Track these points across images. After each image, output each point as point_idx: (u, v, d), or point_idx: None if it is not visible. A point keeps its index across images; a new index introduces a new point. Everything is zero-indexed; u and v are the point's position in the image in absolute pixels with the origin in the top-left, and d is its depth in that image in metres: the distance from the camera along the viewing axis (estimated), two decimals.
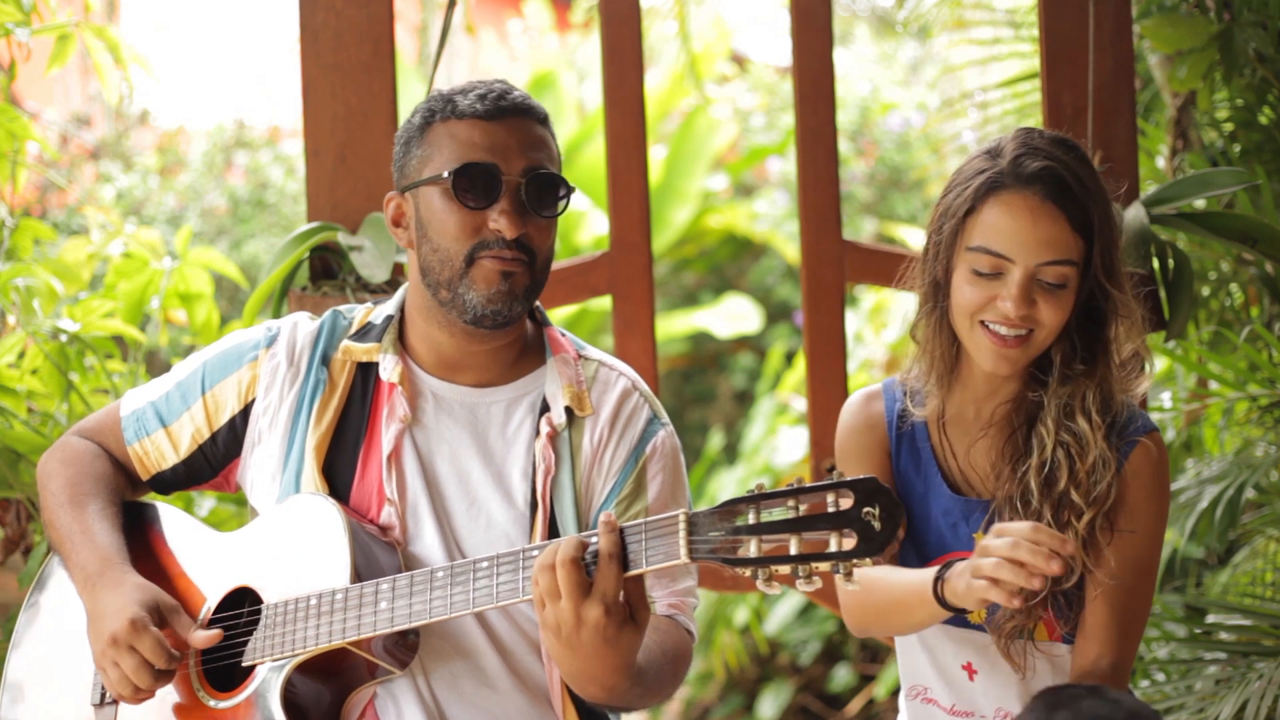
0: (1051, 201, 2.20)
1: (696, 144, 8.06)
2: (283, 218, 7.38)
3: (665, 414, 2.37)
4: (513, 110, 2.23)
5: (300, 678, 2.14)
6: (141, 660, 2.11)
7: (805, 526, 1.82)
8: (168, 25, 8.74)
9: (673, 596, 2.25)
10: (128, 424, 2.38)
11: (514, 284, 2.21)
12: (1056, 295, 2.22)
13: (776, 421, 7.10)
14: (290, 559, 2.20)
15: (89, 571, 2.22)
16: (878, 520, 1.80)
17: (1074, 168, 2.23)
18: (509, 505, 2.25)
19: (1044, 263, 2.20)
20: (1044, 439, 2.28)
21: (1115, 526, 2.27)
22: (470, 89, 2.26)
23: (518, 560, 2.02)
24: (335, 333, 2.35)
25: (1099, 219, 2.22)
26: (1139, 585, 2.29)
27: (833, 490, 1.82)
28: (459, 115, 2.23)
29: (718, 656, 6.48)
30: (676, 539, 1.88)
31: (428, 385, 2.30)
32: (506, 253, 2.19)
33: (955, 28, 4.91)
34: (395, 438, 2.26)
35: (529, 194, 2.20)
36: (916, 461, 2.40)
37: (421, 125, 2.27)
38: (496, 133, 2.21)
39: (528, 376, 2.32)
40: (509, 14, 9.57)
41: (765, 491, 1.86)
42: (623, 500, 2.26)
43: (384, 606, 2.08)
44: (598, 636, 1.92)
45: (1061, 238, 2.20)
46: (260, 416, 2.32)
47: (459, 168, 2.19)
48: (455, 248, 2.21)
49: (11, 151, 3.19)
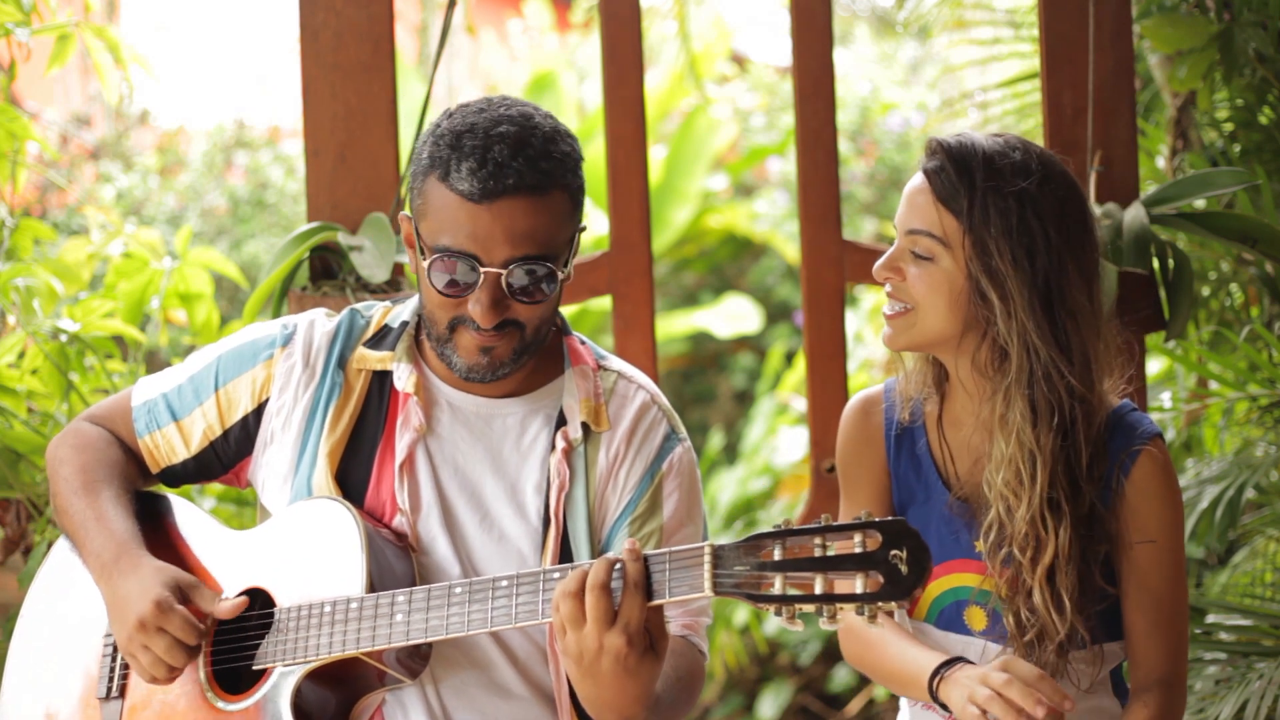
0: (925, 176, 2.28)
1: (696, 144, 8.06)
2: (283, 218, 7.37)
3: (683, 428, 2.33)
4: (504, 191, 2.06)
5: (310, 684, 2.12)
6: (172, 640, 2.08)
7: (831, 566, 1.80)
8: (168, 25, 8.74)
9: (687, 616, 2.23)
10: (139, 415, 2.34)
11: (495, 356, 2.15)
12: (924, 268, 2.26)
13: (776, 421, 7.10)
14: (305, 563, 2.17)
15: (104, 559, 2.18)
16: (904, 564, 1.77)
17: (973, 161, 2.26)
18: (522, 520, 2.22)
19: (912, 229, 2.27)
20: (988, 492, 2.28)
21: (1134, 540, 2.26)
22: (470, 150, 2.08)
23: (538, 582, 1.99)
24: (352, 334, 2.31)
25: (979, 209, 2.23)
26: (1172, 592, 2.29)
27: (860, 530, 1.80)
28: (450, 187, 2.08)
29: (717, 656, 6.48)
30: (701, 572, 1.86)
31: (443, 394, 2.27)
32: (484, 331, 2.13)
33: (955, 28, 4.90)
34: (409, 447, 2.23)
35: (511, 284, 2.10)
36: (917, 467, 2.38)
37: (425, 169, 2.13)
38: (480, 219, 2.07)
39: (545, 387, 2.28)
40: (509, 14, 9.56)
41: (792, 528, 1.83)
42: (637, 518, 2.23)
43: (400, 619, 2.05)
44: (619, 666, 1.90)
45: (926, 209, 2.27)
46: (274, 416, 2.28)
47: (437, 254, 2.10)
48: (438, 315, 2.16)
49: (11, 151, 3.19)
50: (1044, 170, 2.26)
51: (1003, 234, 2.22)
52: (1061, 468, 2.25)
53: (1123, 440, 2.29)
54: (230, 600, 2.13)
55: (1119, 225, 3.08)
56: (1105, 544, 2.27)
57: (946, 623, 2.36)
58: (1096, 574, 2.27)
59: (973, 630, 2.34)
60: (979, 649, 2.34)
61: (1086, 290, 2.27)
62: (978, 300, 2.24)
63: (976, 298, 2.25)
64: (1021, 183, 2.24)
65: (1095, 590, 2.27)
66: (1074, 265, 2.25)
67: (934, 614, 2.37)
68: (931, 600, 2.37)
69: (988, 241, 2.22)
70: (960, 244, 2.24)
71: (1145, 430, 2.30)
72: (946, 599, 2.36)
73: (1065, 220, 2.25)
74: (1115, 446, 2.28)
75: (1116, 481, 2.27)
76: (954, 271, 2.25)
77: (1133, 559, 2.28)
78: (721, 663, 6.52)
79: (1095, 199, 3.21)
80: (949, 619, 2.36)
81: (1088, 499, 2.26)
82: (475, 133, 2.09)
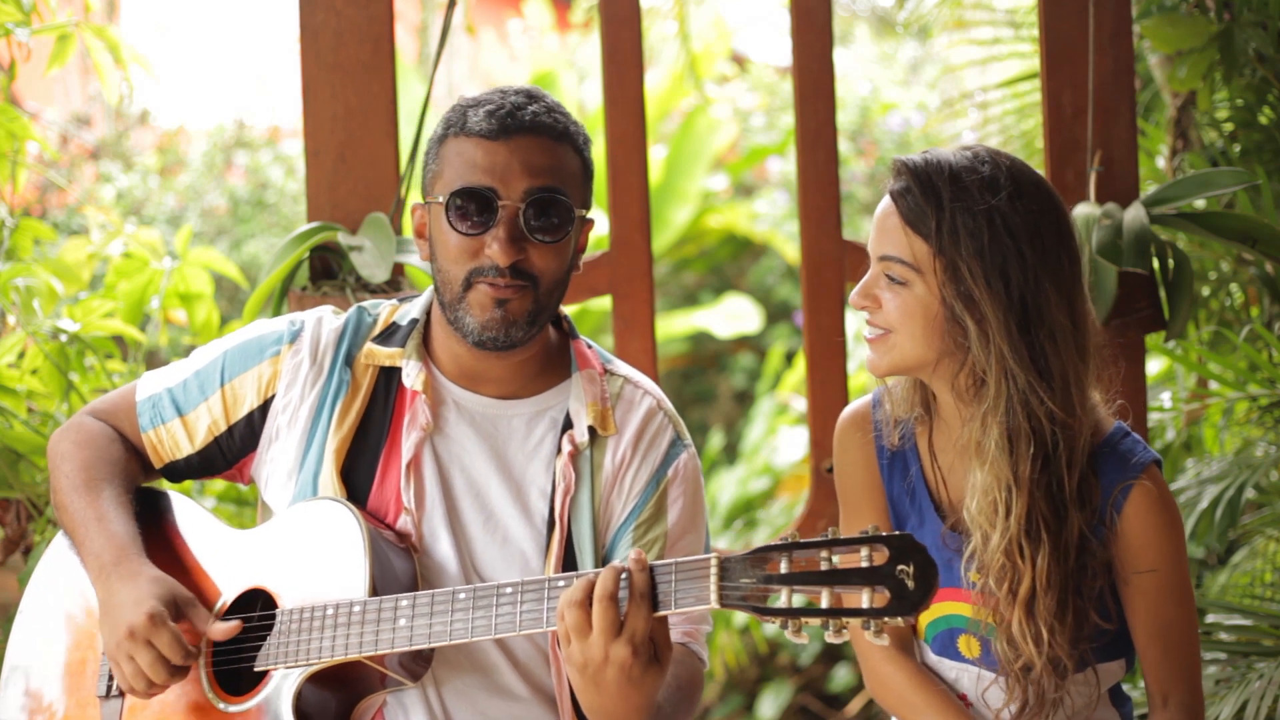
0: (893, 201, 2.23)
1: (696, 144, 8.06)
2: (283, 218, 7.38)
3: (688, 434, 2.33)
4: (521, 128, 2.15)
5: (310, 686, 2.12)
6: (158, 655, 2.08)
7: (838, 580, 1.80)
8: (168, 25, 8.74)
9: (687, 624, 2.23)
10: (143, 409, 2.34)
11: (509, 311, 2.16)
12: (897, 293, 2.21)
13: (776, 421, 7.10)
14: (307, 564, 2.17)
15: (104, 561, 2.17)
16: (911, 579, 1.77)
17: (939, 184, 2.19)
18: (526, 522, 2.22)
19: (884, 255, 2.23)
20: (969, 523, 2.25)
21: (1135, 570, 2.22)
22: (486, 102, 2.19)
23: (543, 590, 1.99)
24: (360, 332, 2.31)
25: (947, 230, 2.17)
26: (1179, 616, 2.25)
27: (867, 544, 1.80)
28: (467, 132, 2.17)
29: (717, 656, 6.48)
30: (708, 584, 1.85)
31: (450, 394, 2.27)
32: (500, 280, 2.14)
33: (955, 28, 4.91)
34: (415, 446, 2.23)
35: (529, 219, 2.14)
36: (911, 492, 2.35)
37: (439, 137, 2.22)
38: (498, 153, 2.14)
39: (551, 390, 2.28)
40: (509, 14, 9.56)
41: (799, 541, 1.83)
42: (642, 524, 2.23)
43: (403, 624, 2.05)
44: (623, 676, 1.90)
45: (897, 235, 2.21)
46: (280, 413, 2.28)
47: (455, 191, 2.15)
48: (454, 270, 2.17)
49: (11, 151, 3.19)
50: (1014, 184, 2.17)
51: (974, 255, 2.15)
52: (1042, 495, 2.18)
53: (1115, 474, 2.23)
54: (224, 624, 2.13)
55: (1119, 225, 3.08)
56: (1100, 577, 2.23)
57: (941, 648, 2.35)
58: (1090, 607, 2.22)
59: (966, 657, 2.32)
60: (974, 676, 2.32)
61: (1067, 308, 2.19)
62: (953, 325, 2.18)
63: (951, 323, 2.18)
64: (990, 199, 2.15)
65: (1089, 623, 2.22)
66: (1051, 283, 2.17)
67: (930, 637, 2.36)
68: (927, 625, 2.35)
69: (959, 264, 2.15)
70: (931, 268, 2.18)
71: (1139, 460, 2.23)
72: (941, 625, 2.34)
73: (1040, 236, 2.17)
74: (1107, 481, 2.22)
75: (1110, 517, 2.22)
76: (927, 296, 2.19)
77: (1136, 588, 2.24)
78: (721, 663, 6.52)
79: (1095, 199, 3.21)
80: (943, 645, 2.34)
81: (1075, 525, 2.20)
82: (491, 92, 2.21)
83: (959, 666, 2.33)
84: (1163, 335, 3.20)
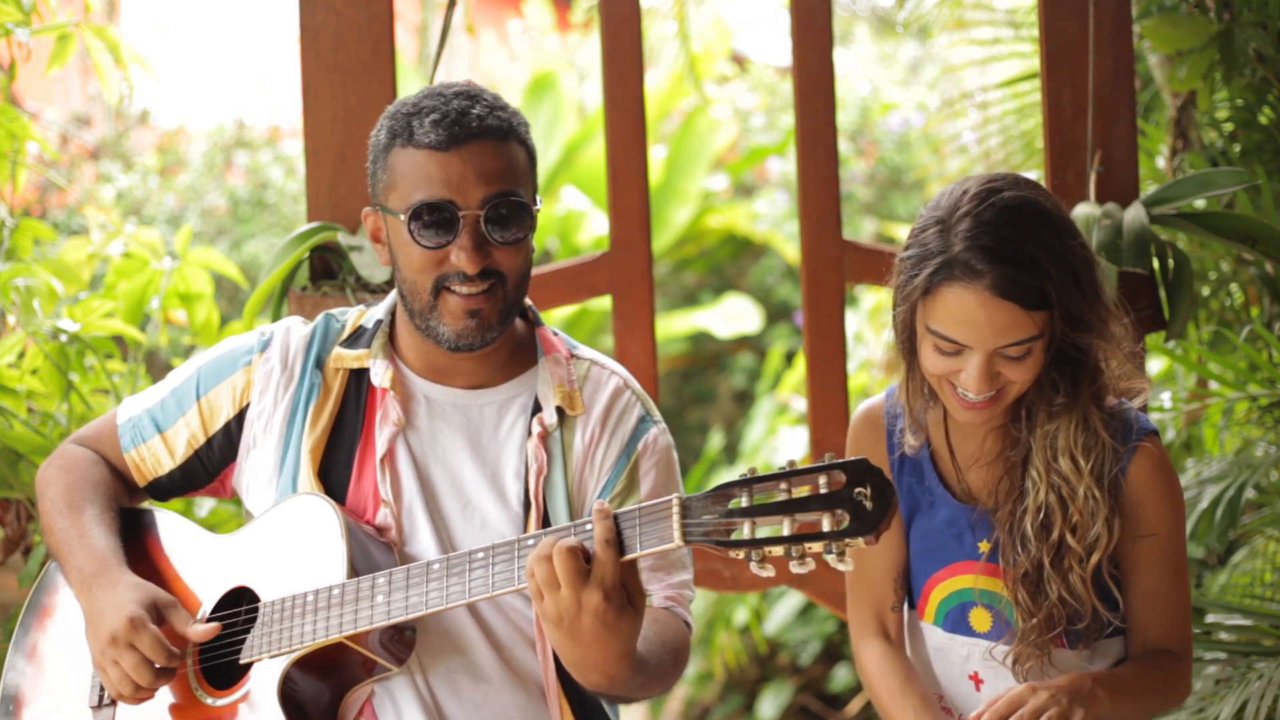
0: (1001, 296, 2.14)
1: (696, 144, 8.06)
2: (283, 218, 7.38)
3: (658, 412, 2.37)
4: (470, 135, 2.16)
5: (298, 674, 2.14)
6: (141, 658, 2.11)
7: (798, 508, 1.84)
8: (168, 25, 8.74)
9: (669, 589, 2.26)
10: (124, 431, 2.39)
11: (483, 317, 2.20)
12: (1022, 362, 2.20)
13: (776, 421, 7.10)
14: (287, 557, 2.20)
15: (85, 574, 2.22)
16: (869, 500, 1.81)
17: (1025, 247, 2.15)
18: (503, 505, 2.25)
19: (1001, 346, 2.17)
20: (1036, 482, 2.28)
21: (1137, 534, 2.29)
22: (429, 110, 2.18)
23: (513, 550, 2.03)
24: (328, 337, 2.35)
25: (1056, 287, 2.16)
26: (1175, 582, 2.32)
27: (824, 472, 1.84)
28: (415, 144, 2.17)
29: (717, 656, 6.48)
30: (670, 523, 1.89)
31: (419, 388, 2.31)
32: (471, 287, 2.18)
33: (955, 28, 4.91)
34: (389, 441, 2.26)
35: (490, 224, 2.17)
36: (919, 472, 2.39)
37: (385, 146, 2.23)
38: (451, 164, 2.16)
39: (519, 377, 2.32)
40: (509, 14, 9.57)
41: (758, 475, 1.87)
42: (615, 497, 2.26)
43: (380, 600, 2.08)
44: (598, 622, 1.93)
45: (1016, 323, 2.16)
46: (255, 421, 2.32)
47: (414, 208, 2.16)
48: (421, 280, 2.20)
49: (11, 151, 3.19)
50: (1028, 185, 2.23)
51: (1073, 284, 2.18)
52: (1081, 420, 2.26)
53: (1122, 437, 2.29)
54: (204, 626, 2.17)
55: (1119, 225, 3.08)
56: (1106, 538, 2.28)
57: (952, 625, 2.38)
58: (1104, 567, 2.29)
59: (977, 631, 2.36)
60: (984, 650, 2.35)
61: None
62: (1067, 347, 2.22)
63: (1070, 349, 2.22)
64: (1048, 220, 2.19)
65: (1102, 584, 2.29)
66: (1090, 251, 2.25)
67: (940, 617, 2.39)
68: (938, 604, 2.38)
69: (1069, 302, 2.18)
70: (1048, 322, 2.19)
71: (1141, 427, 2.31)
72: (952, 601, 2.38)
73: (1063, 216, 2.24)
74: (1114, 442, 2.29)
75: (1115, 479, 2.28)
76: (1044, 343, 2.21)
77: (1135, 552, 2.29)
78: (721, 663, 6.52)
79: (1095, 199, 3.21)
80: (954, 621, 2.38)
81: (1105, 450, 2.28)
82: (429, 97, 2.22)
83: (970, 642, 2.36)
84: (1163, 335, 3.21)
